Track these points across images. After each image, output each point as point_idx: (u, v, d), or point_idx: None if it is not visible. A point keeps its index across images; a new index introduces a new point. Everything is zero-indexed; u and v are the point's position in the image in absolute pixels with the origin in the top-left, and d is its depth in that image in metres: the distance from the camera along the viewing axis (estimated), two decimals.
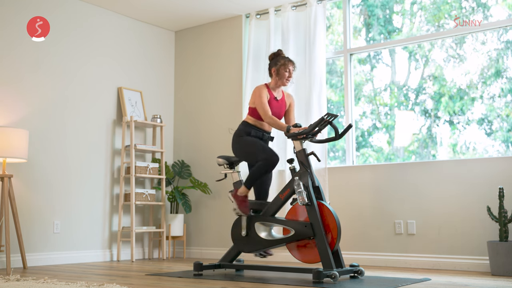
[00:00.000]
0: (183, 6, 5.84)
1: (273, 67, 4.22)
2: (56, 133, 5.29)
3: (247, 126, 4.20)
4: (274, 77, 4.22)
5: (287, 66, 4.19)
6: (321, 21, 5.40)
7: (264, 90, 4.16)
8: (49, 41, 5.32)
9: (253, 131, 4.18)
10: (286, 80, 4.21)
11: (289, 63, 4.20)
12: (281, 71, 4.18)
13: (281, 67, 4.18)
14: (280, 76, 4.19)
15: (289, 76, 4.21)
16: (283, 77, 4.19)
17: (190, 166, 6.19)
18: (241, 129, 4.21)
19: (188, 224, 6.17)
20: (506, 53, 4.86)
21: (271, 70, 4.23)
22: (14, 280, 3.74)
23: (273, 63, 4.23)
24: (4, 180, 4.60)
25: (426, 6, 5.32)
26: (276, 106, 4.22)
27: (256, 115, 4.20)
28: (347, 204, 5.14)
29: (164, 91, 6.41)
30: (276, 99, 4.22)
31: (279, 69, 4.18)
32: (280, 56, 4.25)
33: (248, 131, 4.18)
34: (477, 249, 4.48)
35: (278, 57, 4.24)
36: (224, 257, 4.26)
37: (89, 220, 5.48)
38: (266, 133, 4.27)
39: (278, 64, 4.19)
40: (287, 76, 4.19)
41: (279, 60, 4.21)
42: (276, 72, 4.20)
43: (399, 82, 5.46)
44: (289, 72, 4.20)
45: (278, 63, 4.20)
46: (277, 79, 4.21)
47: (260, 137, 4.21)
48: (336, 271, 3.60)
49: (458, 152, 5.06)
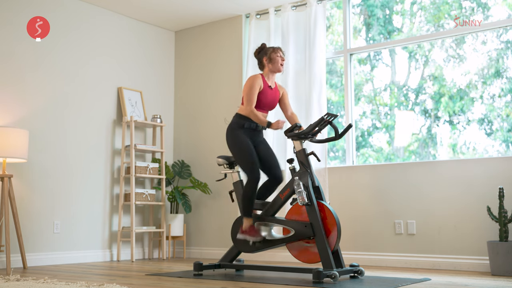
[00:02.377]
0: (183, 6, 5.84)
1: (264, 56, 4.25)
2: (56, 133, 5.29)
3: (240, 118, 4.20)
4: (267, 64, 4.23)
5: (277, 52, 4.23)
6: (321, 21, 5.40)
7: (258, 79, 4.15)
8: (49, 41, 5.32)
9: (247, 123, 4.18)
10: (281, 65, 4.23)
11: (278, 49, 4.25)
12: (273, 56, 4.21)
13: (272, 54, 4.21)
14: (273, 61, 4.21)
15: (282, 60, 4.24)
16: (276, 61, 4.21)
17: (190, 166, 6.19)
18: (234, 122, 4.21)
19: (188, 224, 6.17)
20: (506, 53, 4.86)
21: (263, 60, 4.25)
22: (14, 280, 3.74)
23: (262, 53, 4.27)
24: (4, 180, 4.60)
25: (426, 6, 5.32)
26: (271, 94, 4.23)
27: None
28: (347, 204, 5.14)
29: (164, 91, 6.41)
30: (271, 87, 4.23)
31: (271, 55, 4.21)
32: (266, 47, 4.30)
33: (242, 124, 4.18)
34: (477, 249, 4.48)
35: (265, 48, 4.29)
36: (224, 257, 4.26)
37: (89, 220, 5.48)
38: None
39: (268, 52, 4.23)
40: (280, 61, 4.22)
41: (268, 49, 4.26)
42: (268, 59, 4.22)
43: (399, 82, 5.46)
44: (280, 57, 4.22)
45: (267, 51, 4.24)
46: (270, 66, 4.22)
47: (253, 128, 4.20)
48: (336, 271, 3.60)
49: (458, 152, 5.06)
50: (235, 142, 4.15)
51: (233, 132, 4.18)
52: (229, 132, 4.21)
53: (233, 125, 4.20)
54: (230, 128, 4.21)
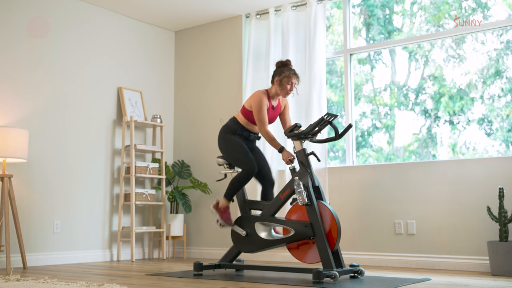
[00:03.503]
0: (183, 6, 5.84)
1: (277, 76, 4.13)
2: (56, 133, 5.29)
3: (235, 123, 4.20)
4: (276, 86, 4.14)
5: (290, 79, 4.10)
6: (321, 21, 5.40)
7: (265, 99, 4.10)
8: (49, 41, 5.32)
9: (240, 130, 4.18)
10: (287, 93, 4.14)
11: (293, 76, 4.11)
12: (284, 83, 4.11)
13: (284, 79, 4.10)
14: (282, 88, 4.12)
15: (291, 90, 4.14)
16: (284, 89, 4.12)
17: (190, 166, 6.19)
18: (228, 125, 4.22)
19: (188, 224, 6.17)
20: (506, 53, 4.86)
21: (274, 79, 4.15)
22: (14, 280, 3.74)
23: (278, 72, 4.14)
24: (4, 180, 4.60)
25: (426, 6, 5.32)
26: (272, 114, 4.22)
27: (249, 118, 4.18)
28: (347, 204, 5.14)
29: (164, 91, 6.41)
30: (273, 107, 4.22)
31: (282, 80, 4.10)
32: (286, 68, 4.15)
33: (235, 130, 4.18)
34: (477, 249, 4.48)
35: (284, 68, 4.14)
36: (224, 257, 4.26)
37: (89, 220, 5.48)
38: (253, 133, 4.27)
39: (282, 75, 4.10)
40: (289, 89, 4.12)
41: (284, 72, 4.11)
42: (278, 82, 4.12)
43: (399, 82, 5.46)
44: (291, 85, 4.12)
45: (282, 73, 4.11)
46: (278, 89, 4.14)
47: (246, 137, 4.21)
48: (336, 271, 3.60)
49: (458, 152, 5.06)
50: (227, 143, 4.18)
51: (225, 135, 4.19)
52: (222, 135, 4.23)
53: (226, 129, 4.21)
54: (223, 131, 4.22)
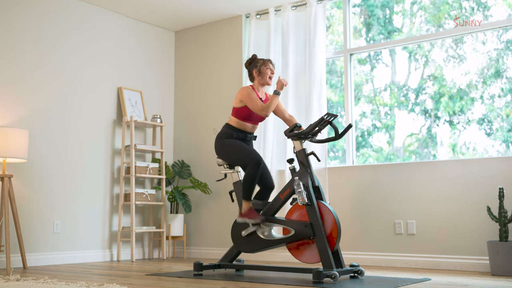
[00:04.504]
0: (183, 6, 5.84)
1: (254, 68, 4.26)
2: (56, 133, 5.29)
3: (230, 128, 4.21)
4: (257, 77, 4.24)
5: (267, 64, 4.24)
6: (321, 21, 5.40)
7: (251, 90, 4.17)
8: (49, 41, 5.32)
9: (235, 133, 4.19)
10: (269, 78, 4.23)
11: (268, 62, 4.26)
12: (263, 69, 4.22)
13: (262, 67, 4.22)
14: (262, 74, 4.22)
15: (271, 75, 4.24)
16: (265, 74, 4.21)
17: (190, 166, 6.19)
18: (223, 131, 4.22)
19: (188, 224, 6.17)
20: (506, 53, 4.86)
21: (253, 72, 4.26)
22: (14, 280, 3.74)
23: (252, 66, 4.28)
24: (4, 180, 4.60)
25: (426, 6, 5.32)
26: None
27: (240, 116, 4.19)
28: (347, 204, 5.14)
29: (164, 91, 6.41)
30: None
31: (261, 68, 4.22)
32: (257, 59, 4.31)
33: (230, 134, 4.18)
34: (477, 249, 4.48)
35: (255, 60, 4.30)
36: (224, 257, 4.26)
37: (89, 220, 5.48)
38: (249, 133, 4.28)
39: (258, 65, 4.24)
40: (269, 73, 4.22)
41: (258, 61, 4.27)
42: (257, 72, 4.23)
43: (399, 82, 5.46)
44: (270, 69, 4.23)
45: (257, 64, 4.25)
46: (259, 78, 4.23)
47: (242, 139, 4.22)
48: (336, 271, 3.60)
49: (458, 152, 5.06)
50: (226, 146, 4.17)
51: (222, 141, 4.19)
52: (218, 141, 4.22)
53: (222, 135, 4.21)
54: (219, 137, 4.22)
